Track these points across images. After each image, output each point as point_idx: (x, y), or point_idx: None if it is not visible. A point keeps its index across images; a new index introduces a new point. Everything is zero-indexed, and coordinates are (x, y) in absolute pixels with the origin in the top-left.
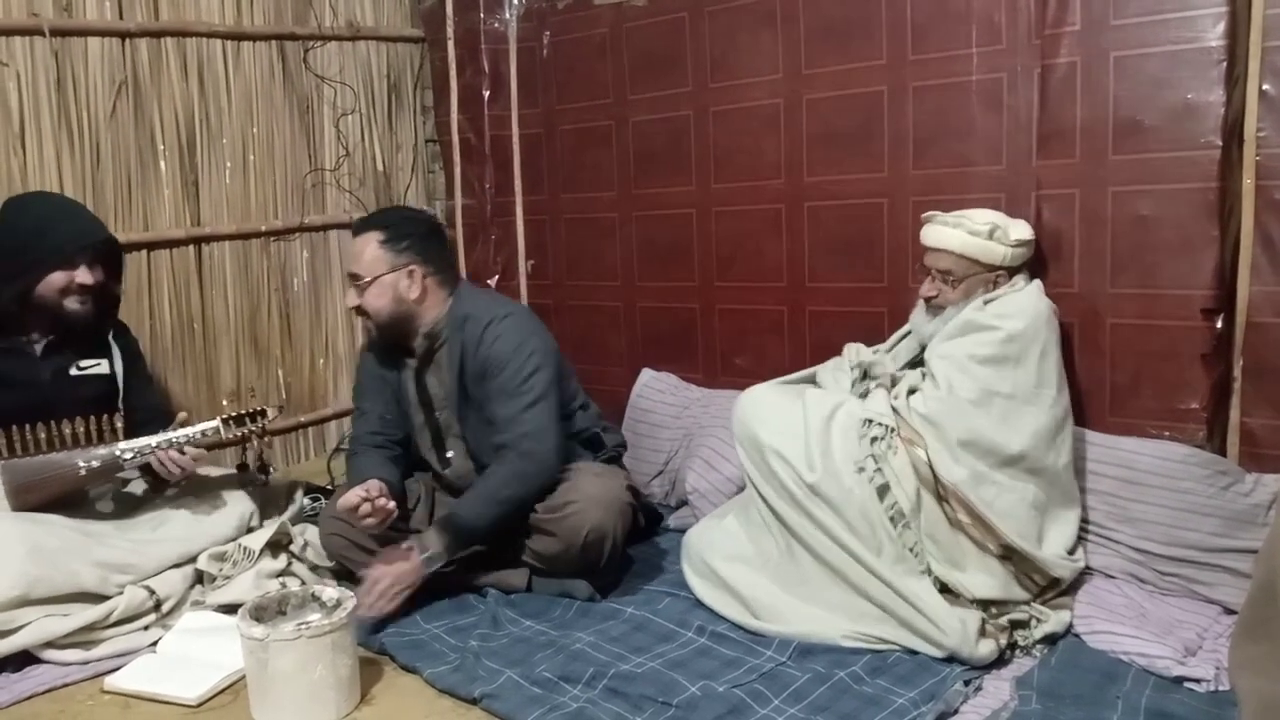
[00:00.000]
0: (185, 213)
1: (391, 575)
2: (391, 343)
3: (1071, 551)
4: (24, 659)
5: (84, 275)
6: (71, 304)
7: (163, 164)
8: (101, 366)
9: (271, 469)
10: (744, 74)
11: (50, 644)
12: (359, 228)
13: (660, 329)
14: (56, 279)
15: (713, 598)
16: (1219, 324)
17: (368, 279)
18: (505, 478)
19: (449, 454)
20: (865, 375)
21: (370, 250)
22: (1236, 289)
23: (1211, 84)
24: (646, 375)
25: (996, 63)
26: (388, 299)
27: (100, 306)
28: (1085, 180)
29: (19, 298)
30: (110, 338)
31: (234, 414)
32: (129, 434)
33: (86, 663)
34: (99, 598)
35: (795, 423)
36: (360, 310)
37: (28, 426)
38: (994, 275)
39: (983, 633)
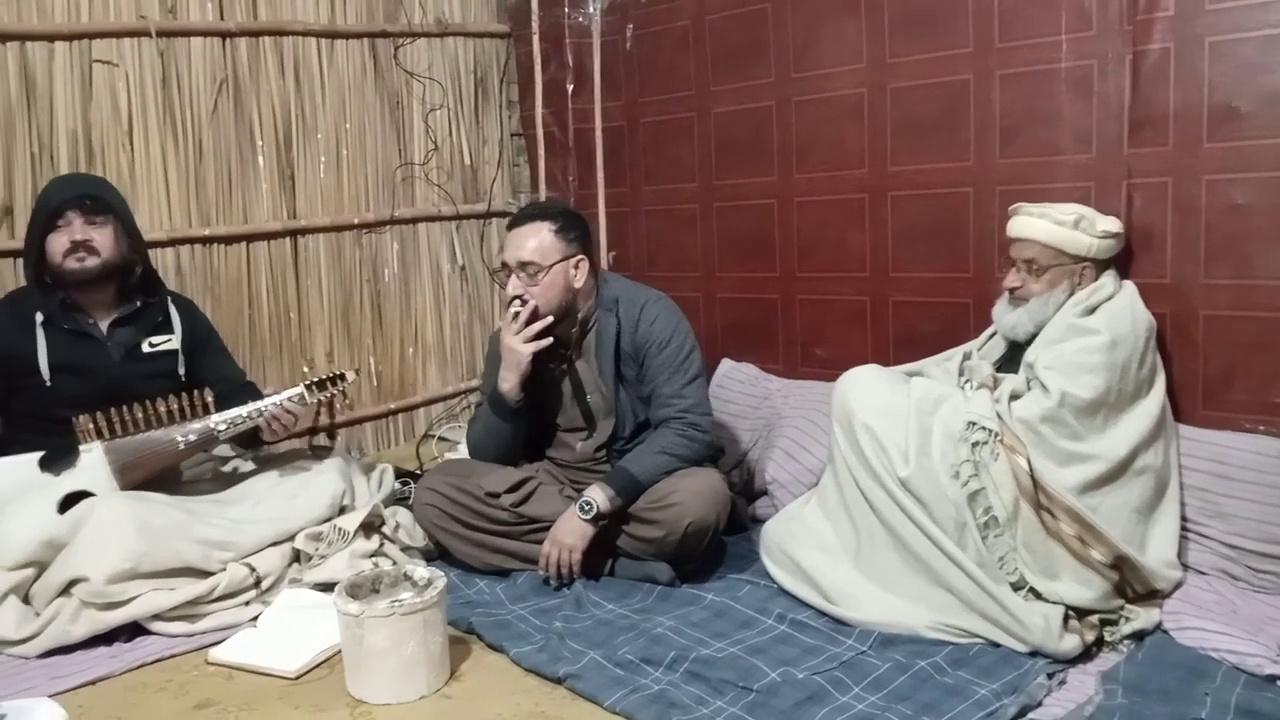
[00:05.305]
0: (282, 206)
1: (559, 546)
2: (551, 333)
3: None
4: (134, 630)
5: (76, 232)
6: (70, 263)
7: (261, 159)
8: (171, 342)
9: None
10: (827, 64)
11: (158, 616)
12: (525, 218)
13: (740, 319)
14: (56, 241)
15: (793, 587)
16: None
17: (544, 266)
18: (675, 440)
19: (591, 436)
20: (967, 378)
21: (543, 238)
22: None
23: None
24: (726, 365)
25: (1086, 49)
26: (559, 287)
27: (106, 268)
28: (1178, 168)
29: (42, 270)
30: (173, 315)
31: (316, 379)
32: (217, 407)
33: (191, 635)
34: (203, 574)
35: (897, 407)
36: (520, 299)
37: (124, 408)
38: (1080, 267)
39: (1066, 628)
